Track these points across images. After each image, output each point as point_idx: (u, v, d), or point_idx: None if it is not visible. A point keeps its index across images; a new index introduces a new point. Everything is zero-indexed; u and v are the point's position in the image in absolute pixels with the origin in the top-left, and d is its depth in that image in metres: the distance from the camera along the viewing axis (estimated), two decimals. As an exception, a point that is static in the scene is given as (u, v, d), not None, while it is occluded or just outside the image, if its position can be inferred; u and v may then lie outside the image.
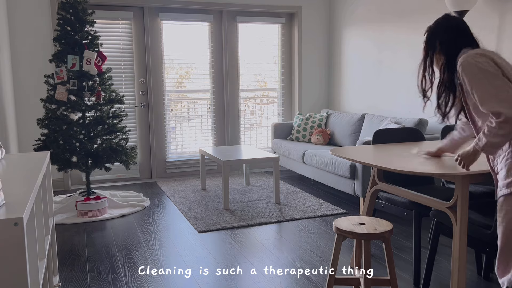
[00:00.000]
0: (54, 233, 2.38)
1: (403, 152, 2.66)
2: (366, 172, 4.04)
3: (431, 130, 4.52)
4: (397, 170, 2.19)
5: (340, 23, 5.91)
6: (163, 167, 5.69)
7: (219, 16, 5.75)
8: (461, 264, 2.25)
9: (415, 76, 4.72)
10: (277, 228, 3.80)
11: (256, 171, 6.07)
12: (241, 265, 3.06)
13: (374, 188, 2.88)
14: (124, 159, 4.30)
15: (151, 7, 5.43)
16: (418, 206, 2.71)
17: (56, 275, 2.47)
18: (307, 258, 3.16)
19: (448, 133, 3.29)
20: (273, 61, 6.10)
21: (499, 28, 3.79)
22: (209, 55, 5.76)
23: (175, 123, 5.73)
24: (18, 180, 1.63)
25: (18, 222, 1.16)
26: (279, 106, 6.22)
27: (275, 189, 4.47)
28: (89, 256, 3.26)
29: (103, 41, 5.27)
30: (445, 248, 3.31)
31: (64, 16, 4.17)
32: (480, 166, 2.23)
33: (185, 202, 4.57)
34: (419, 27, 4.60)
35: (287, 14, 6.09)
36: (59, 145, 4.12)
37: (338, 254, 2.26)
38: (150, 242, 3.50)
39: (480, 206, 2.50)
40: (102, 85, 4.30)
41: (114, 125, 4.33)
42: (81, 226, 3.92)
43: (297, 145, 5.25)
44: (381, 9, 5.14)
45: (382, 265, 3.04)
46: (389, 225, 2.21)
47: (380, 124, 4.67)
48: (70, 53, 4.15)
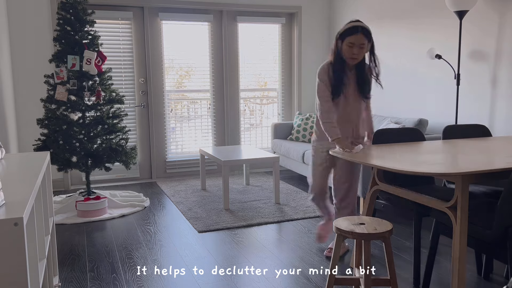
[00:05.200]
0: (54, 233, 2.38)
1: (403, 152, 2.66)
2: (366, 172, 4.04)
3: (431, 130, 4.52)
4: (397, 170, 2.19)
5: (340, 23, 5.91)
6: (163, 167, 5.69)
7: (219, 16, 5.75)
8: (461, 264, 2.25)
9: (415, 76, 4.72)
10: (277, 228, 3.80)
11: (256, 171, 6.07)
12: (241, 265, 3.06)
13: (374, 188, 2.88)
14: (124, 159, 4.30)
15: (151, 7, 5.43)
16: (418, 206, 2.71)
17: (56, 275, 2.47)
18: (307, 258, 3.16)
19: (449, 132, 3.29)
20: (273, 61, 6.10)
21: (499, 28, 3.79)
22: (209, 55, 5.76)
23: (175, 123, 5.73)
24: (18, 180, 1.63)
25: (18, 222, 1.16)
26: (279, 106, 6.22)
27: (275, 189, 4.47)
28: (89, 256, 3.26)
29: (103, 41, 5.27)
30: (445, 248, 3.31)
31: (64, 16, 4.17)
32: (480, 166, 2.22)
33: (185, 202, 4.57)
34: (419, 27, 4.60)
35: (287, 14, 6.09)
36: (59, 145, 4.12)
37: (338, 254, 2.26)
38: (150, 242, 3.50)
39: (480, 206, 2.50)
40: (102, 85, 4.30)
41: (114, 125, 4.33)
42: (81, 226, 3.92)
43: (297, 145, 5.25)
44: (381, 9, 5.14)
45: (382, 265, 3.04)
46: (389, 225, 2.21)
47: (380, 124, 4.67)
48: (70, 53, 4.15)
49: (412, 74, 4.76)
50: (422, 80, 4.62)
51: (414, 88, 4.73)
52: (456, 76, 4.00)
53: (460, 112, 4.20)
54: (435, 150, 2.69)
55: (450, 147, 2.79)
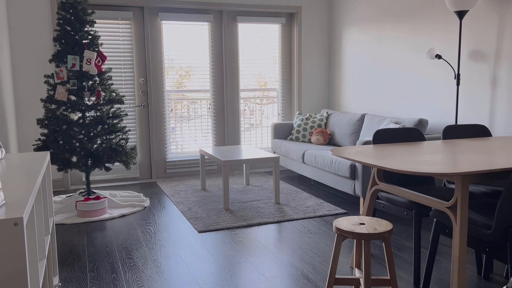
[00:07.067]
0: (54, 233, 2.38)
1: (403, 152, 2.66)
2: (366, 172, 4.04)
3: (431, 130, 4.52)
4: (397, 170, 2.19)
5: (340, 23, 5.91)
6: (163, 167, 5.69)
7: (219, 16, 5.75)
8: (461, 264, 2.25)
9: (415, 76, 4.72)
10: (277, 228, 3.80)
11: (256, 171, 6.07)
12: (241, 265, 3.06)
13: (374, 188, 2.88)
14: (124, 159, 4.30)
15: (151, 7, 5.43)
16: (418, 206, 2.71)
17: (56, 275, 2.47)
18: (307, 258, 3.16)
19: (449, 132, 3.29)
20: (273, 61, 6.10)
21: (499, 28, 3.79)
22: (209, 55, 5.76)
23: (175, 123, 5.73)
24: (18, 180, 1.63)
25: (18, 222, 1.16)
26: (279, 106, 6.22)
27: (275, 189, 4.47)
28: (89, 256, 3.26)
29: (103, 41, 5.27)
30: (445, 248, 3.31)
31: (64, 16, 4.17)
32: (480, 166, 2.22)
33: (185, 202, 4.57)
34: (419, 27, 4.60)
35: (287, 14, 6.09)
36: (59, 145, 4.12)
37: (338, 254, 2.25)
38: (150, 242, 3.50)
39: (480, 206, 2.50)
40: (102, 85, 4.30)
41: (114, 125, 4.33)
42: (81, 226, 3.92)
43: (297, 145, 5.25)
44: (381, 9, 5.14)
45: (382, 265, 3.04)
46: (389, 225, 2.21)
47: (380, 124, 4.66)
48: (70, 53, 4.15)
49: (412, 74, 4.76)
50: (422, 80, 4.62)
51: (414, 88, 4.73)
52: (456, 76, 4.00)
53: (460, 112, 4.20)
54: (435, 150, 2.69)
55: (450, 147, 2.79)
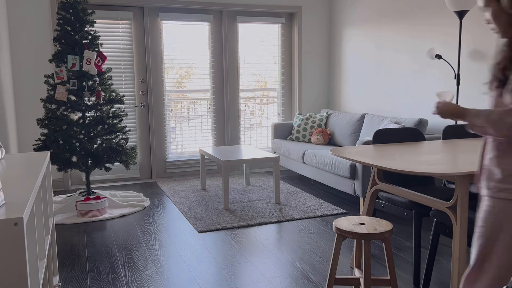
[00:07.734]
0: (54, 233, 2.38)
1: (403, 152, 2.66)
2: (366, 172, 4.04)
3: (431, 130, 4.52)
4: (397, 170, 2.19)
5: (340, 23, 5.91)
6: (163, 167, 5.69)
7: (219, 16, 5.75)
8: (461, 264, 2.25)
9: (415, 76, 4.72)
10: (277, 228, 3.80)
11: (256, 171, 6.07)
12: (241, 265, 3.06)
13: (374, 188, 2.88)
14: (124, 159, 4.30)
15: (151, 7, 5.43)
16: (418, 206, 2.71)
17: (56, 275, 2.47)
18: (307, 258, 3.16)
19: (449, 132, 3.29)
20: (273, 61, 6.10)
21: (499, 28, 3.79)
22: (209, 55, 5.76)
23: (175, 123, 5.73)
24: (18, 180, 1.63)
25: (18, 222, 1.16)
26: (279, 106, 6.22)
27: (275, 189, 4.47)
28: (89, 256, 3.26)
29: (103, 41, 5.27)
30: (445, 248, 3.31)
31: (64, 16, 4.17)
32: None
33: (185, 202, 4.57)
34: (419, 27, 4.60)
35: (287, 14, 6.09)
36: (59, 145, 4.12)
37: (338, 254, 2.25)
38: (150, 242, 3.50)
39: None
40: (102, 85, 4.30)
41: (114, 125, 4.33)
42: (81, 226, 3.92)
43: (297, 145, 5.25)
44: (381, 9, 5.14)
45: (382, 265, 3.04)
46: (389, 225, 2.21)
47: (380, 124, 4.66)
48: (70, 53, 4.15)
49: (412, 74, 4.76)
50: (422, 80, 4.62)
51: (414, 88, 4.73)
52: (456, 76, 4.00)
53: (460, 112, 4.19)
54: (435, 150, 2.70)
55: (450, 147, 2.79)
